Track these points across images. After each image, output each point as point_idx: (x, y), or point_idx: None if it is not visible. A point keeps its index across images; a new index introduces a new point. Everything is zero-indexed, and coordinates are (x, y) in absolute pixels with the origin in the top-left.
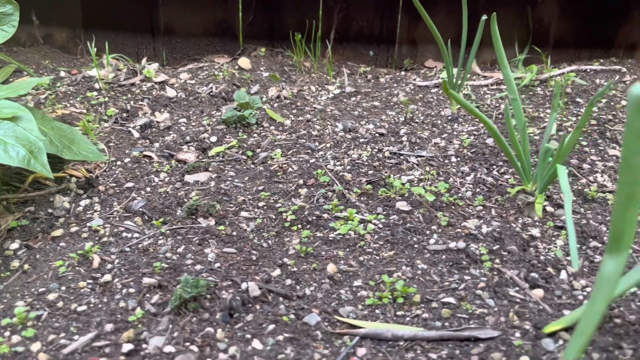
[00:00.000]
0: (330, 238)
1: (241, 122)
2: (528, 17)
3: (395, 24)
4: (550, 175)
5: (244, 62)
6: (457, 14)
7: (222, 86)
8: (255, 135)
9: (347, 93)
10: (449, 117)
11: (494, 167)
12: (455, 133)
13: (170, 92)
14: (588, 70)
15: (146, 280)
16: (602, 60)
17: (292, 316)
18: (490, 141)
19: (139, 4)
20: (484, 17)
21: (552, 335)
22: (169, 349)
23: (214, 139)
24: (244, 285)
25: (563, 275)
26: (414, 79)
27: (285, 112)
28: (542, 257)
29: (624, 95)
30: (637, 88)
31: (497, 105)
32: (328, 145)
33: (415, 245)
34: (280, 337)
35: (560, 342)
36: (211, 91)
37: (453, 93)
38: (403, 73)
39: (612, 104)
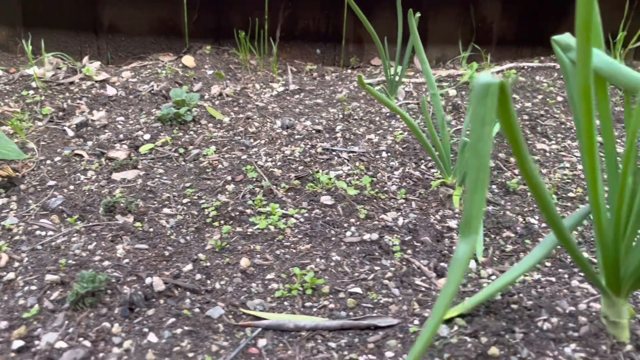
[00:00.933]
0: (248, 233)
1: (177, 120)
2: (471, 16)
3: (341, 23)
4: None
5: (188, 60)
6: (403, 12)
7: (163, 84)
8: (191, 132)
9: (291, 91)
10: (388, 114)
11: (423, 161)
12: (390, 129)
13: (111, 91)
14: (526, 68)
15: (49, 277)
16: (542, 58)
17: (196, 310)
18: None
19: (80, 2)
20: (418, 14)
21: (448, 321)
22: (61, 344)
23: (147, 136)
24: (148, 280)
25: (472, 264)
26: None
27: (226, 110)
28: (453, 247)
29: (560, 91)
30: (480, 77)
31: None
32: (263, 142)
33: (333, 238)
34: (179, 331)
35: (455, 327)
36: (152, 89)
37: (370, 88)
38: (349, 71)
39: (547, 99)
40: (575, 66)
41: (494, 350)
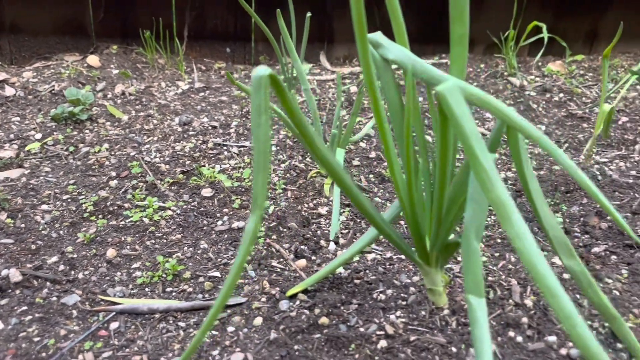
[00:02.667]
0: (121, 225)
1: (72, 119)
2: (374, 15)
3: (249, 22)
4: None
5: (93, 60)
6: (305, 12)
7: (65, 84)
8: (86, 131)
9: (196, 88)
10: None
11: (309, 154)
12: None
13: (9, 91)
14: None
15: None
16: (443, 55)
17: (52, 299)
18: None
19: None
20: (308, 14)
21: (292, 297)
22: None
23: (39, 136)
24: (4, 272)
25: (332, 246)
26: None
27: (128, 108)
28: (319, 232)
29: None
30: (257, 70)
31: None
32: (156, 138)
33: (205, 228)
34: (28, 317)
35: (297, 302)
36: (53, 89)
37: (239, 83)
38: None
39: None
40: (384, 62)
41: (324, 320)
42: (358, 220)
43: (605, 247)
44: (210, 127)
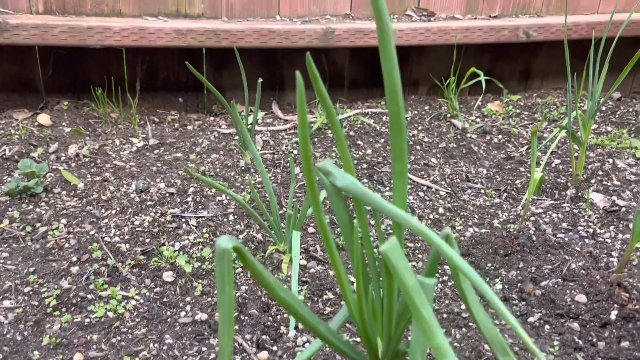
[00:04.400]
0: (86, 323)
1: (26, 192)
2: (323, 62)
3: (202, 73)
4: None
5: (44, 118)
6: (258, 64)
7: (16, 148)
8: (42, 204)
9: (151, 146)
10: (243, 168)
11: (267, 222)
12: (242, 186)
13: None
14: (370, 113)
15: None
16: None
17: None
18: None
19: None
20: (260, 79)
21: None
22: None
23: None
24: None
25: (292, 333)
26: (221, 125)
27: (83, 172)
28: (279, 317)
29: None
30: (220, 242)
31: (291, 151)
32: (114, 211)
33: (168, 319)
34: None
35: None
36: (4, 154)
37: (202, 177)
38: (212, 118)
39: (387, 144)
40: (334, 187)
41: None
42: (315, 299)
43: (540, 315)
44: (167, 195)
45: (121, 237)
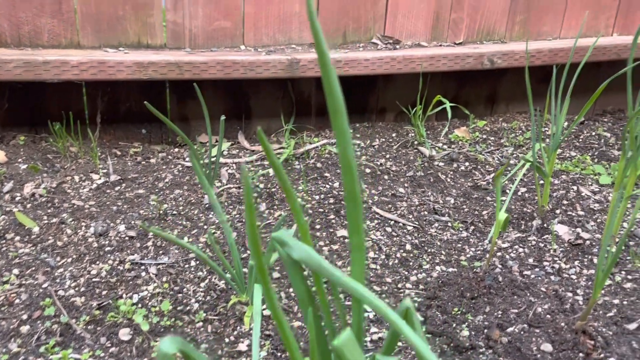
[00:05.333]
0: None
1: None
2: (289, 90)
3: (165, 103)
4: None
5: None
6: (223, 94)
7: None
8: None
9: (112, 182)
10: (207, 205)
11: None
12: (206, 227)
13: None
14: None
15: None
16: (357, 125)
17: None
18: (233, 236)
19: None
20: (223, 117)
21: None
22: None
23: None
24: None
25: None
26: (185, 158)
27: (39, 213)
28: None
29: (367, 161)
30: (162, 346)
31: (257, 184)
32: (70, 260)
33: None
34: None
35: None
36: None
37: (154, 230)
38: (177, 150)
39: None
40: (291, 260)
41: None
42: (279, 355)
43: None
44: (127, 238)
45: (76, 289)
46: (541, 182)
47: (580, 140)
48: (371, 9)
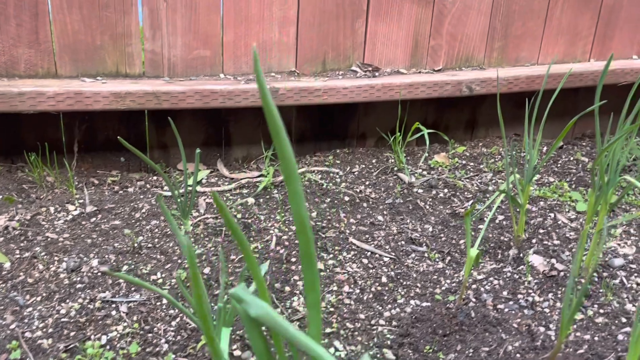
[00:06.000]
0: None
1: None
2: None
3: (143, 131)
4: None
5: None
6: (203, 122)
7: None
8: None
9: (87, 213)
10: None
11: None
12: (180, 261)
13: None
14: (315, 171)
15: None
16: (337, 151)
17: None
18: (207, 270)
19: None
20: (198, 150)
21: None
22: None
23: None
24: None
25: None
26: (163, 186)
27: (12, 247)
28: None
29: (347, 189)
30: None
31: (235, 214)
32: (39, 298)
33: None
34: None
35: None
36: None
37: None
38: (155, 178)
39: (335, 201)
40: (249, 318)
41: None
42: None
43: None
44: (99, 274)
45: (44, 330)
46: (518, 210)
47: (559, 165)
48: (350, 37)
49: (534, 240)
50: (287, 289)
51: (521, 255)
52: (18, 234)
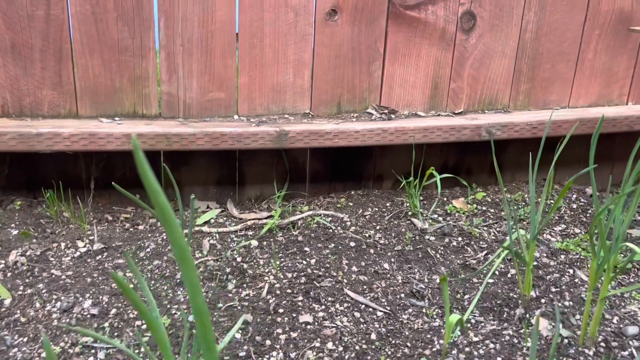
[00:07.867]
0: None
1: None
2: (283, 158)
3: (159, 169)
4: None
5: None
6: (217, 160)
7: None
8: None
9: (94, 251)
10: (179, 280)
11: (190, 347)
12: (170, 305)
13: None
14: (322, 214)
15: None
16: (352, 192)
17: None
18: (191, 318)
19: None
20: (192, 196)
21: None
22: None
23: None
24: None
25: None
26: None
27: (17, 283)
28: None
29: (355, 234)
30: None
31: (235, 257)
32: (26, 339)
33: None
34: None
35: None
36: None
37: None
38: None
39: (339, 246)
40: None
41: None
42: None
43: None
44: (88, 316)
45: None
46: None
47: (588, 215)
48: (366, 80)
49: (543, 300)
50: (268, 342)
51: (527, 315)
52: (26, 269)
